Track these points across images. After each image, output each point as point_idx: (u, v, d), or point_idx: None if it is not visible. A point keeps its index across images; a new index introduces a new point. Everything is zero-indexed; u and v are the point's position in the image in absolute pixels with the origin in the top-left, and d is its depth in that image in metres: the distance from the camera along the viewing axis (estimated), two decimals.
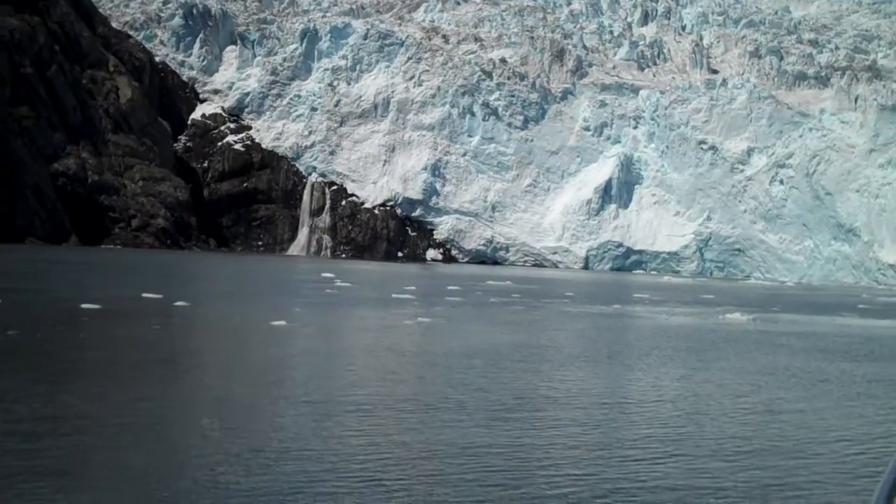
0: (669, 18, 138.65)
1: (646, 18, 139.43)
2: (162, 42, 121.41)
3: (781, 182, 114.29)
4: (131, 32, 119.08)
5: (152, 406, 15.90)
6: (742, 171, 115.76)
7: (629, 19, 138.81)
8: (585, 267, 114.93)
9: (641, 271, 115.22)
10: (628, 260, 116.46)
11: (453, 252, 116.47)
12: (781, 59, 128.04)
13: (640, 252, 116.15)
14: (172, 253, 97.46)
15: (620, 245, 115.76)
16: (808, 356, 30.02)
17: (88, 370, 19.49)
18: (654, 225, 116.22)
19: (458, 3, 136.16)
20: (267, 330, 29.36)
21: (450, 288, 57.24)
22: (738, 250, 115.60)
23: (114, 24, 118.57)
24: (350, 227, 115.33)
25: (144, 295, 37.88)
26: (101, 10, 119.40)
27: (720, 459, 14.63)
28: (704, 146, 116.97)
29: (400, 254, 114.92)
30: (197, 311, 33.96)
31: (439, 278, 73.85)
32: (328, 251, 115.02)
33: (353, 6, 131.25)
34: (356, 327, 33.72)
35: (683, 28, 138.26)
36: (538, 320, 39.28)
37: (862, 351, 32.99)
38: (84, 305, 31.96)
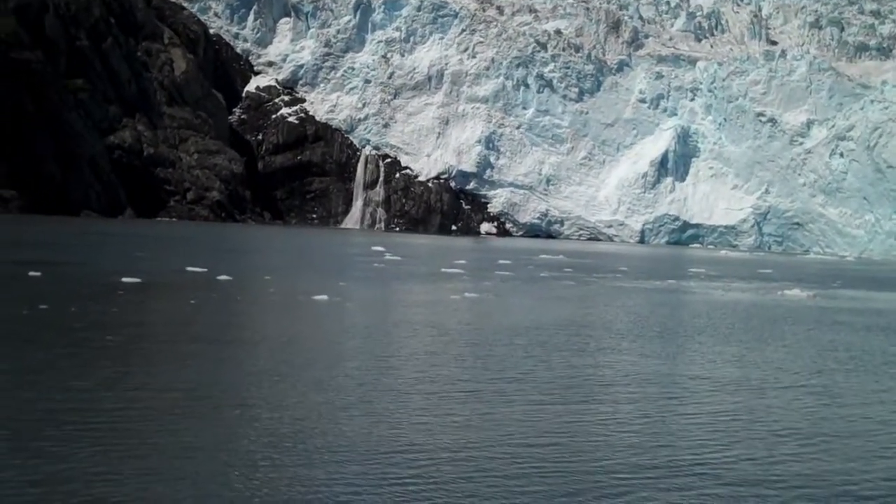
0: None
1: None
2: (216, 14, 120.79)
3: (842, 155, 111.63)
4: (185, 4, 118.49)
5: (165, 392, 14.81)
6: (801, 143, 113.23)
7: None
8: (641, 241, 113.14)
9: (698, 245, 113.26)
10: (685, 234, 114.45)
11: (507, 225, 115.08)
12: (842, 29, 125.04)
13: (697, 226, 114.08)
14: (226, 226, 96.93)
15: (677, 219, 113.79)
16: (869, 335, 28.46)
17: (109, 350, 18.46)
18: (711, 198, 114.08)
19: None
20: (307, 305, 28.29)
21: (501, 262, 55.94)
22: (797, 224, 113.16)
23: None
24: (404, 201, 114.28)
25: (189, 268, 37.01)
26: None
27: (783, 447, 13.30)
28: (763, 118, 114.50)
29: (454, 227, 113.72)
30: (238, 285, 32.93)
31: (491, 252, 72.52)
32: (382, 224, 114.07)
33: None
34: (399, 302, 32.53)
35: None
36: (589, 296, 37.90)
37: None
38: (125, 279, 31.09)
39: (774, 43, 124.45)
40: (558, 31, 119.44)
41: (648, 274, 55.27)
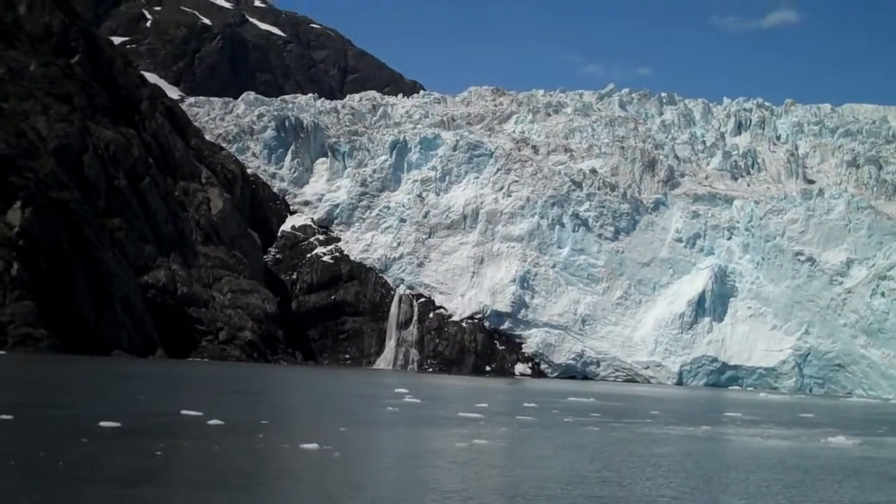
0: (764, 128, 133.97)
1: (739, 128, 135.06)
2: (254, 154, 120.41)
3: (883, 294, 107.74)
4: (224, 144, 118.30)
5: None
6: (841, 283, 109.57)
7: (722, 129, 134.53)
8: (679, 382, 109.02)
9: (737, 387, 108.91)
10: (723, 375, 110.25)
11: (542, 366, 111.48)
12: (880, 168, 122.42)
13: (736, 367, 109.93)
14: (256, 366, 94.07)
15: (715, 360, 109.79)
16: None
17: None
18: (750, 339, 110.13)
19: (549, 115, 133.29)
20: (289, 455, 25.23)
21: (526, 405, 52.50)
22: (839, 366, 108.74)
23: (207, 137, 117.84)
24: (437, 341, 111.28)
25: (184, 412, 34.03)
26: (195, 122, 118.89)
27: None
28: (801, 258, 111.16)
29: (488, 368, 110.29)
30: (226, 430, 29.92)
31: (519, 394, 69.02)
32: (415, 365, 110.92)
33: (444, 118, 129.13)
34: (394, 452, 29.18)
35: (778, 138, 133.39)
36: (610, 444, 34.40)
37: None
38: (103, 423, 28.23)
39: (812, 182, 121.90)
40: (593, 171, 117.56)
41: (681, 418, 51.52)
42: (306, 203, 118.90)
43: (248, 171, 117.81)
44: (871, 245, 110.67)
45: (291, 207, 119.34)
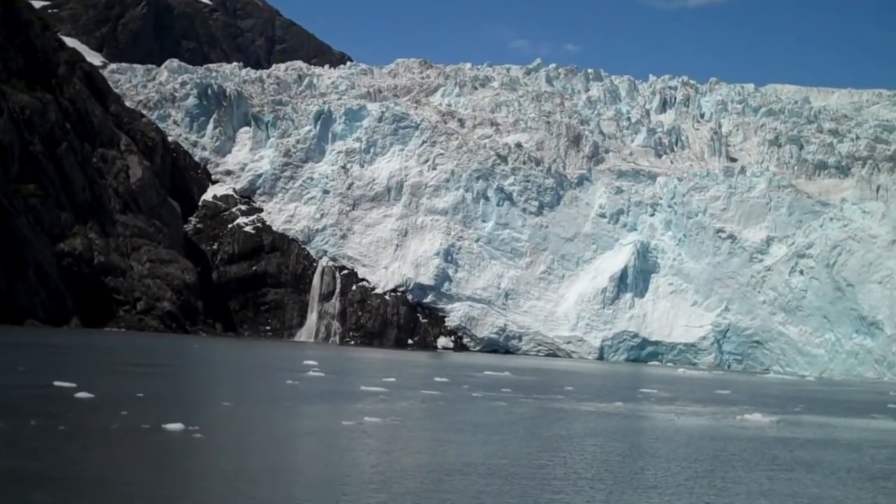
0: (688, 106, 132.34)
1: (664, 106, 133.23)
2: (175, 122, 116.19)
3: (801, 273, 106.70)
4: (145, 112, 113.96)
5: None
6: (761, 260, 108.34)
7: (647, 106, 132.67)
8: (600, 357, 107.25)
9: (657, 363, 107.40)
10: (644, 351, 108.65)
11: (465, 340, 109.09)
12: (801, 147, 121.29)
13: (657, 343, 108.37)
14: (172, 337, 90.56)
15: (636, 335, 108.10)
16: (847, 483, 22.47)
17: None
18: (671, 315, 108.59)
19: (476, 88, 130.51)
20: (140, 436, 22.30)
21: (437, 380, 49.98)
22: (757, 342, 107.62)
23: (127, 103, 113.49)
24: (360, 314, 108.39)
25: (56, 383, 31.01)
26: (115, 88, 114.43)
27: None
28: (723, 235, 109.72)
29: (410, 341, 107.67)
30: (89, 405, 27.05)
31: (434, 368, 66.41)
32: (337, 337, 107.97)
33: (371, 90, 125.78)
34: (268, 433, 26.23)
35: (702, 116, 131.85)
36: (513, 422, 31.93)
37: None
38: None
39: (734, 160, 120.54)
40: (519, 145, 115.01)
41: (595, 394, 49.29)
42: (228, 172, 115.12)
43: (170, 139, 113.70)
44: (790, 223, 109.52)
45: (213, 177, 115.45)
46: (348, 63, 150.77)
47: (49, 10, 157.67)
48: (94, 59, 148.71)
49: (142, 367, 47.37)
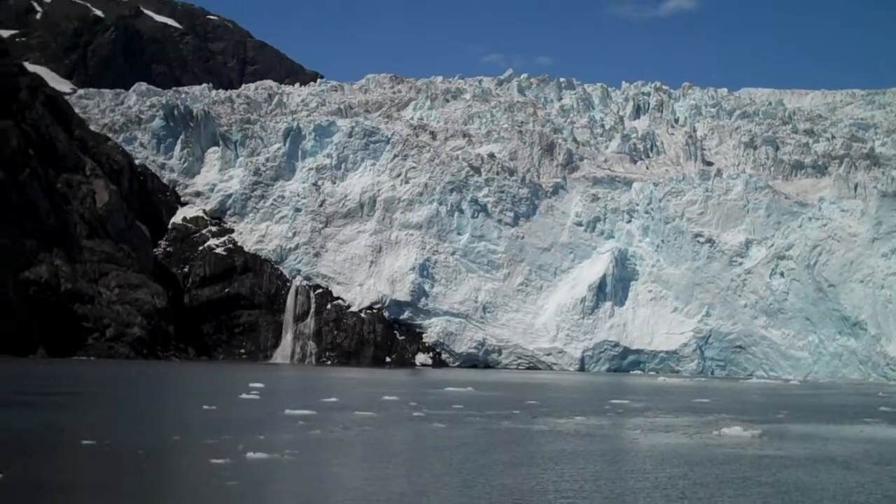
0: (662, 111, 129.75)
1: (638, 112, 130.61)
2: (142, 144, 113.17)
3: (782, 274, 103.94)
4: (110, 135, 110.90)
5: None
6: (741, 263, 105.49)
7: (621, 113, 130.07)
8: (582, 369, 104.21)
9: (639, 372, 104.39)
10: (625, 360, 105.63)
11: (444, 356, 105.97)
12: (777, 148, 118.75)
13: (638, 352, 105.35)
14: (140, 364, 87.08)
15: (617, 345, 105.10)
16: None
17: None
18: (652, 323, 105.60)
19: (448, 101, 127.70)
20: None
21: (385, 398, 46.63)
22: (740, 347, 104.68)
23: (92, 127, 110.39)
24: (335, 333, 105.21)
25: None
26: (79, 112, 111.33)
27: None
28: (701, 239, 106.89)
29: (388, 359, 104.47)
30: None
31: (395, 386, 62.78)
32: (313, 358, 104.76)
33: (341, 106, 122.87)
34: (89, 485, 21.55)
35: (676, 121, 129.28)
36: (437, 450, 28.09)
37: None
38: None
39: (710, 163, 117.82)
40: (492, 155, 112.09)
41: (556, 409, 45.75)
42: (198, 194, 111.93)
43: (137, 162, 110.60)
44: (769, 225, 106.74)
45: (182, 199, 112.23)
46: (318, 80, 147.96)
47: (17, 39, 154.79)
48: (64, 86, 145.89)
49: (52, 395, 43.96)
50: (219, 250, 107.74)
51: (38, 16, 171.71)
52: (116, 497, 19.65)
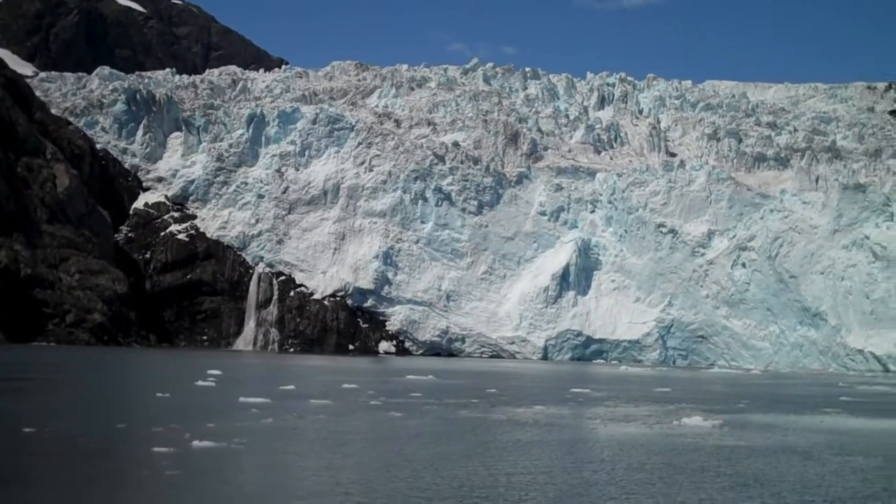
0: (626, 102, 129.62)
1: (602, 103, 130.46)
2: (104, 129, 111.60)
3: (744, 265, 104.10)
4: (72, 119, 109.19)
5: None
6: (703, 254, 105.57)
7: (585, 103, 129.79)
8: (545, 357, 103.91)
9: (602, 361, 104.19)
10: (588, 349, 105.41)
11: (407, 344, 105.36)
12: (740, 141, 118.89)
13: (601, 341, 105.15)
14: (98, 350, 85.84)
15: (580, 334, 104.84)
16: None
17: None
18: (614, 312, 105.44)
19: (413, 89, 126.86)
20: None
21: (344, 386, 45.95)
22: (702, 337, 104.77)
23: (53, 111, 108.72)
24: (298, 320, 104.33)
25: None
26: (40, 95, 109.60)
27: None
28: (664, 230, 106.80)
29: (351, 347, 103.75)
30: None
31: (355, 373, 62.14)
32: (276, 345, 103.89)
33: (306, 93, 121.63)
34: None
35: (640, 112, 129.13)
36: (390, 440, 27.48)
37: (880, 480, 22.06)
38: None
39: (673, 155, 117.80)
40: (456, 144, 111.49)
41: (516, 398, 45.27)
42: (160, 179, 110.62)
43: (98, 146, 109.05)
44: (731, 216, 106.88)
45: (144, 184, 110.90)
46: (283, 67, 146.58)
47: None
48: (26, 69, 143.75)
49: (5, 381, 43.00)
50: (181, 236, 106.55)
51: None
52: (41, 488, 18.85)
